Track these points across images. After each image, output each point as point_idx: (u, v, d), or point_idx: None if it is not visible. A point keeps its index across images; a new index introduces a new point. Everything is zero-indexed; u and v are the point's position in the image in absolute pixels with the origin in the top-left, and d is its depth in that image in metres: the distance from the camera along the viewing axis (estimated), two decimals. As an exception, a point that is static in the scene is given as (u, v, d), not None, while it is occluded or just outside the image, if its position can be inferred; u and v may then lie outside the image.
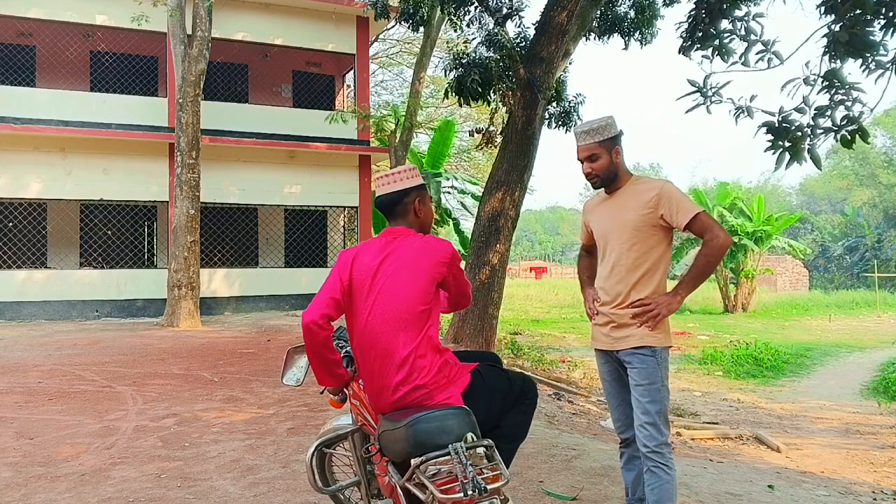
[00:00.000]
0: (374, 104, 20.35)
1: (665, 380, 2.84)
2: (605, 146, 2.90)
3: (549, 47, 9.60)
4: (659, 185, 2.88)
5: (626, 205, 2.91)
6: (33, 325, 12.22)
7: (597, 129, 2.90)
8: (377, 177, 2.64)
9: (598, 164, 2.91)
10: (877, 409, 10.22)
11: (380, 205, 2.58)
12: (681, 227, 2.80)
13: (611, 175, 2.93)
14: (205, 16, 11.84)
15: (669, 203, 2.82)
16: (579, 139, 2.94)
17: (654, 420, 2.78)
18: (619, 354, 2.90)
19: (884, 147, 44.56)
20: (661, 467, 2.76)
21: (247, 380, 7.14)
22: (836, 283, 38.72)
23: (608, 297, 2.94)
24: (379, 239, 2.51)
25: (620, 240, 2.89)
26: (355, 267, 2.42)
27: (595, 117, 2.98)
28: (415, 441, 2.04)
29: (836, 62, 5.17)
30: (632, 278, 2.86)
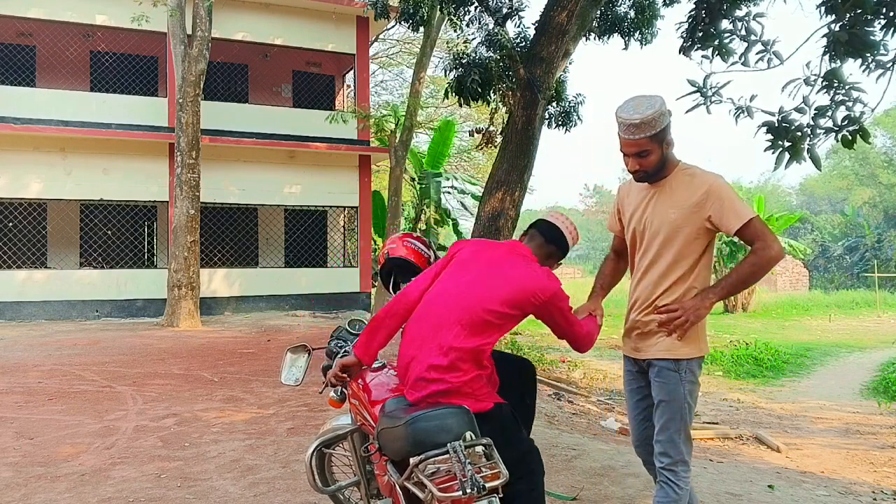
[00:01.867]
0: (374, 104, 20.35)
1: (689, 396, 2.58)
2: (658, 140, 2.49)
3: (549, 47, 9.60)
4: (709, 182, 2.53)
5: (670, 200, 2.57)
6: (33, 325, 12.22)
7: (650, 122, 2.46)
8: (560, 216, 2.70)
9: (648, 161, 2.53)
10: (877, 409, 10.22)
11: (536, 223, 2.65)
12: (730, 232, 2.50)
13: (659, 169, 2.57)
14: (205, 16, 11.84)
15: (720, 204, 2.49)
16: (627, 131, 2.50)
17: (671, 438, 2.57)
18: (644, 364, 2.68)
19: (884, 147, 44.56)
20: (670, 484, 2.58)
21: (247, 380, 7.14)
22: (836, 283, 38.70)
23: (638, 299, 2.68)
24: (504, 244, 2.60)
25: (659, 238, 2.58)
26: (465, 250, 2.48)
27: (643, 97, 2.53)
28: (414, 440, 2.04)
29: (836, 62, 5.17)
30: (664, 282, 2.58)
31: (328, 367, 2.71)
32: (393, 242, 2.75)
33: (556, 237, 2.60)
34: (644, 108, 2.48)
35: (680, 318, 2.49)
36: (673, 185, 2.58)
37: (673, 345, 2.54)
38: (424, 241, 2.76)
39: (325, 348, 2.82)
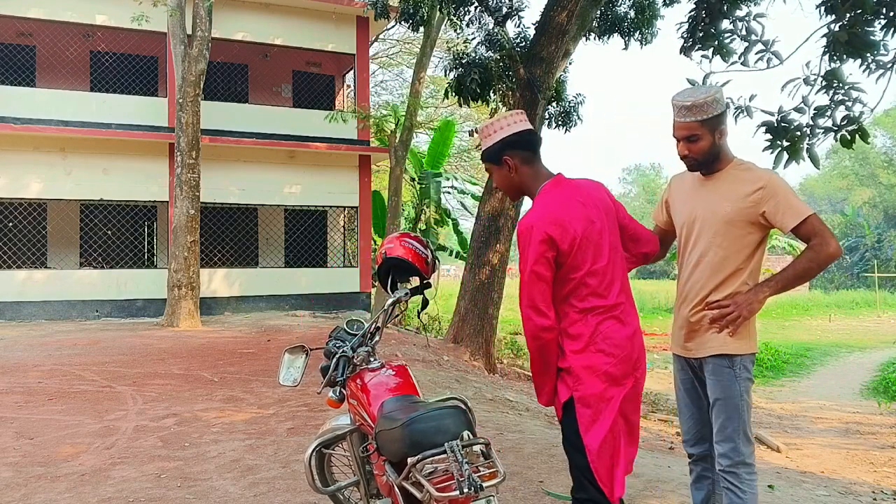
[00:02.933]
0: (374, 104, 20.34)
1: (745, 393, 2.53)
2: (709, 126, 2.48)
3: (549, 47, 9.61)
4: (765, 178, 2.50)
5: (723, 193, 2.52)
6: (33, 325, 12.22)
7: (701, 106, 2.45)
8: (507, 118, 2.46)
9: (697, 147, 2.50)
10: (877, 409, 10.22)
11: (532, 144, 2.45)
12: (786, 229, 2.45)
13: (711, 159, 2.53)
14: (205, 16, 11.84)
15: (775, 200, 2.44)
16: (679, 114, 2.50)
17: (731, 437, 2.51)
18: (696, 363, 2.62)
19: (884, 147, 44.57)
20: (733, 489, 2.49)
21: (247, 380, 7.14)
22: (836, 283, 38.73)
23: (687, 295, 2.60)
24: (563, 191, 2.40)
25: (710, 233, 2.52)
26: (567, 232, 2.29)
27: (701, 87, 2.57)
28: (411, 440, 2.05)
29: (836, 62, 5.17)
30: (715, 279, 2.52)
31: (326, 367, 2.71)
32: (391, 242, 2.75)
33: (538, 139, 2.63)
34: (699, 93, 2.50)
35: (732, 314, 2.45)
36: (727, 178, 2.54)
37: (726, 341, 2.49)
38: (422, 241, 2.75)
39: (324, 349, 2.82)
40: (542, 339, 2.30)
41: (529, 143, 2.44)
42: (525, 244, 2.31)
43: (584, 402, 2.29)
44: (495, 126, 2.43)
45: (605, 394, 2.28)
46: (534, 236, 2.28)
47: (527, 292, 2.31)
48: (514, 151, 2.42)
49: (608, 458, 2.28)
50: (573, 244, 2.29)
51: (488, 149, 2.46)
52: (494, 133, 2.43)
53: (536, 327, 2.29)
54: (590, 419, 2.28)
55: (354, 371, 2.69)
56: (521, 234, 2.33)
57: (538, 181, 2.43)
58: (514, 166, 2.42)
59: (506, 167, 2.44)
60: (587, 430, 2.28)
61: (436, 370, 8.06)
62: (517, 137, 2.41)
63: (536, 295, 2.30)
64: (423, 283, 2.79)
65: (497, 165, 2.45)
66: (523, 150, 2.43)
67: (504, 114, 2.45)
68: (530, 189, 2.45)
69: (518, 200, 2.54)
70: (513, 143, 2.41)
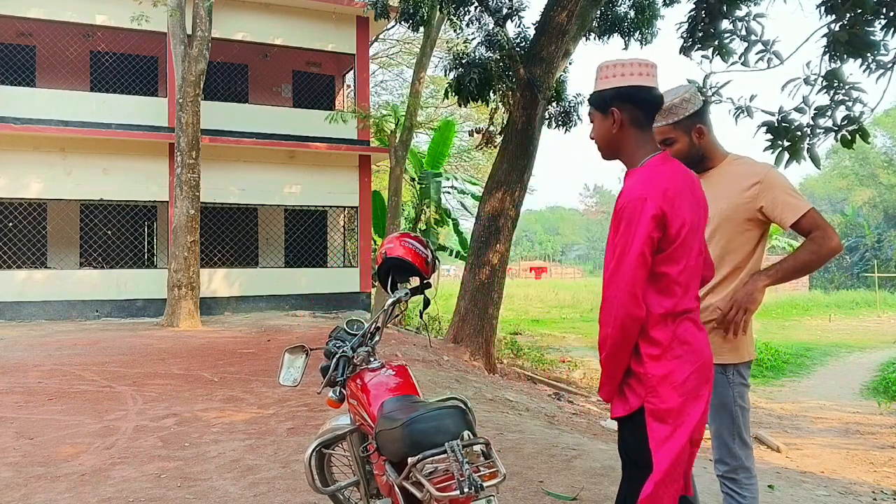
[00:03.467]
0: (374, 104, 20.34)
1: (739, 398, 2.49)
2: (683, 127, 2.43)
3: (549, 47, 9.61)
4: (762, 172, 2.43)
5: (719, 189, 2.44)
6: (33, 325, 12.22)
7: (670, 109, 2.39)
8: (632, 66, 2.10)
9: (674, 150, 2.42)
10: (877, 409, 10.22)
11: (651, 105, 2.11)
12: (785, 225, 2.40)
13: (693, 159, 2.45)
14: (205, 16, 11.84)
15: (773, 194, 2.39)
16: None
17: (726, 442, 2.49)
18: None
19: (884, 147, 44.58)
20: (733, 494, 2.48)
21: (247, 380, 7.14)
22: (836, 283, 38.73)
23: None
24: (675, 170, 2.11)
25: (707, 230, 2.42)
26: (678, 216, 2.03)
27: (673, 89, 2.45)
28: (411, 440, 2.05)
29: (836, 62, 5.17)
30: (716, 275, 2.43)
31: (326, 367, 2.71)
32: (390, 242, 2.74)
33: None
34: (668, 96, 2.41)
35: (736, 314, 2.39)
36: (722, 174, 2.47)
37: (720, 349, 2.41)
38: (422, 241, 2.75)
39: (324, 349, 2.82)
40: (629, 331, 2.03)
41: (647, 103, 2.10)
42: (633, 217, 1.99)
43: (659, 417, 2.04)
44: (612, 70, 2.10)
45: (682, 409, 2.05)
46: (646, 209, 1.98)
47: (629, 274, 2.00)
48: (625, 105, 2.08)
49: (676, 479, 2.07)
50: (680, 232, 2.03)
51: (598, 92, 2.13)
52: (612, 77, 2.09)
53: (630, 316, 2.01)
54: (663, 436, 2.04)
55: (354, 371, 2.69)
56: (628, 204, 2.01)
57: (642, 150, 2.11)
58: (619, 121, 2.10)
59: (610, 118, 2.11)
60: (659, 446, 2.04)
61: (436, 370, 8.06)
62: (635, 91, 2.08)
63: (639, 280, 2.01)
64: (423, 283, 2.79)
65: (601, 113, 2.13)
66: (637, 108, 2.09)
67: (631, 59, 2.11)
68: (630, 155, 2.13)
69: (608, 158, 2.18)
70: (628, 96, 2.08)
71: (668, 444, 2.02)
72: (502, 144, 10.21)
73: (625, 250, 2.00)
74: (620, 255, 2.01)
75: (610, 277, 2.04)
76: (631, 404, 2.09)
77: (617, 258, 2.02)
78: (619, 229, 2.03)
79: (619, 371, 2.10)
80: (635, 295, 2.00)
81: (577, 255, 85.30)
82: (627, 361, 2.09)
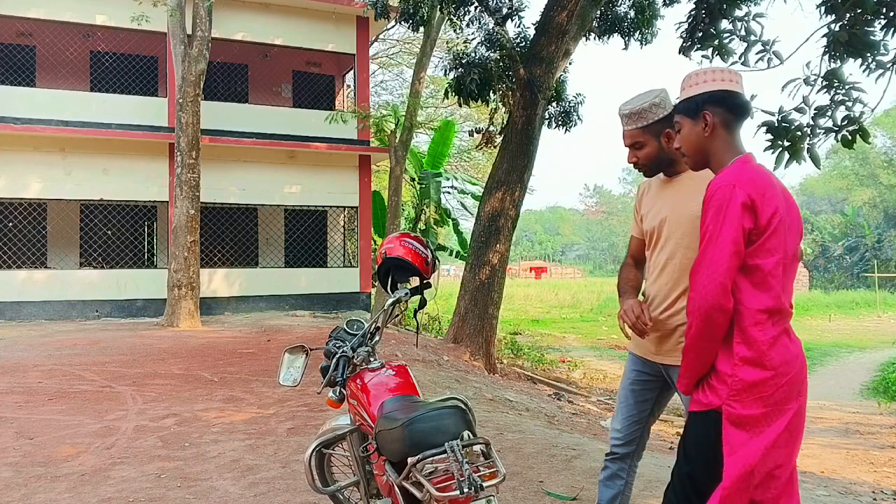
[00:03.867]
0: (374, 104, 20.34)
1: None
2: (652, 131, 2.47)
3: (549, 47, 9.61)
4: None
5: (689, 192, 2.45)
6: (33, 325, 12.22)
7: (640, 113, 2.46)
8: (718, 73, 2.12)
9: (643, 153, 2.51)
10: (877, 409, 10.23)
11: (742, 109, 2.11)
12: None
13: (661, 163, 2.52)
14: (205, 16, 11.84)
15: None
16: (622, 122, 2.53)
17: None
18: (665, 368, 2.54)
19: (884, 147, 44.58)
20: None
21: (247, 380, 7.14)
22: (836, 283, 38.73)
23: (656, 296, 2.53)
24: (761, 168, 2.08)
25: (678, 232, 2.46)
26: (768, 205, 1.97)
27: (644, 91, 2.52)
28: (411, 440, 2.05)
29: (836, 62, 5.17)
30: (685, 280, 2.40)
31: (326, 367, 2.71)
32: (390, 242, 2.74)
33: None
34: (638, 100, 2.48)
35: None
36: (692, 178, 2.47)
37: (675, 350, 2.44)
38: (422, 241, 2.75)
39: (324, 349, 2.82)
40: (715, 323, 1.95)
41: (739, 108, 2.11)
42: (723, 204, 1.95)
43: (738, 423, 1.96)
44: (703, 77, 2.12)
45: (764, 419, 1.96)
46: (736, 196, 1.94)
47: (717, 262, 1.93)
48: (718, 108, 2.08)
49: (746, 490, 1.95)
50: (771, 221, 1.95)
51: (688, 99, 2.13)
52: (702, 83, 2.11)
53: (716, 307, 1.93)
54: (738, 443, 1.96)
55: (354, 371, 2.69)
56: (718, 191, 1.97)
57: (730, 153, 2.10)
58: (712, 125, 2.09)
59: (702, 123, 2.10)
60: (732, 453, 1.95)
61: (436, 370, 8.06)
62: (727, 95, 2.08)
63: (730, 269, 1.93)
64: (423, 283, 2.79)
65: (692, 119, 2.13)
66: (728, 112, 2.09)
67: (715, 67, 2.17)
68: (720, 158, 2.11)
69: (698, 166, 2.18)
70: (720, 100, 2.08)
71: (742, 451, 1.94)
72: (502, 144, 10.21)
73: (713, 237, 1.95)
74: (708, 242, 1.95)
75: (696, 265, 1.98)
76: (709, 402, 2.02)
77: (704, 246, 1.96)
78: (707, 216, 1.98)
79: (701, 365, 2.03)
80: (723, 285, 1.93)
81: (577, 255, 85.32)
82: (711, 356, 2.01)
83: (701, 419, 2.05)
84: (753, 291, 1.97)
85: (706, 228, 1.97)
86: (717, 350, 2.00)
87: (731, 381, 1.97)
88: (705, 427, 2.03)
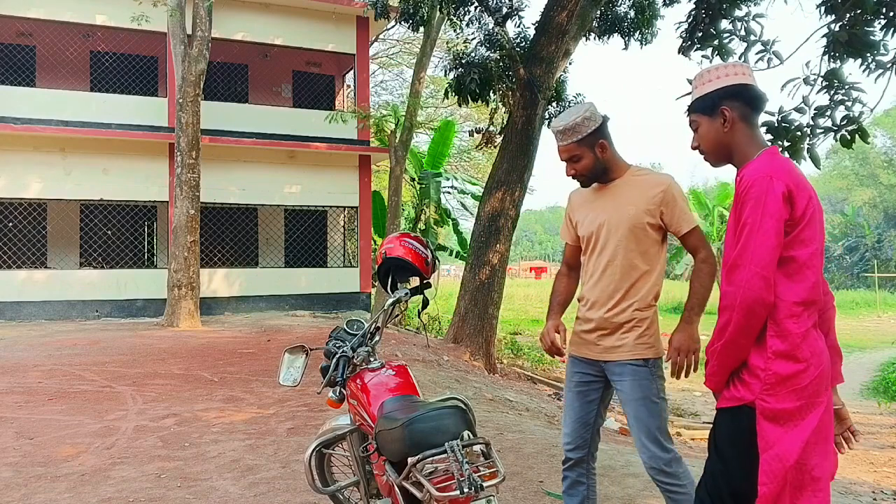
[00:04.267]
0: (374, 104, 20.34)
1: (661, 392, 2.61)
2: (586, 144, 2.58)
3: (549, 47, 9.61)
4: (666, 182, 2.61)
5: (626, 197, 2.61)
6: (33, 325, 12.22)
7: (573, 128, 2.56)
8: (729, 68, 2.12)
9: (580, 165, 2.62)
10: (877, 409, 10.23)
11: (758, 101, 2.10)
12: (679, 233, 2.60)
13: (598, 173, 2.64)
14: (205, 16, 11.84)
15: (674, 205, 2.58)
16: (556, 138, 2.62)
17: (656, 436, 2.54)
18: (607, 366, 2.65)
19: (884, 147, 44.57)
20: (673, 487, 2.52)
21: (247, 380, 7.14)
22: (836, 283, 38.74)
23: (598, 299, 2.66)
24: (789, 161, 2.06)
25: (617, 235, 2.59)
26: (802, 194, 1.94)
27: (573, 109, 2.62)
28: (411, 440, 2.05)
29: (836, 62, 5.18)
30: (627, 281, 2.60)
31: (326, 367, 2.71)
32: (390, 242, 2.74)
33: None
34: (569, 117, 2.59)
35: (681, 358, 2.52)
36: (628, 183, 2.64)
37: (642, 344, 2.59)
38: (422, 241, 2.75)
39: (324, 349, 2.82)
40: (757, 317, 1.91)
41: (755, 100, 2.09)
42: (761, 195, 1.91)
43: (773, 417, 1.93)
44: (715, 73, 2.11)
45: (800, 412, 1.93)
46: (775, 187, 1.90)
47: (760, 255, 1.90)
48: (735, 102, 2.07)
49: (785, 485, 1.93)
50: (806, 212, 1.93)
51: (703, 96, 2.11)
52: (715, 80, 2.10)
53: (759, 301, 1.90)
54: (775, 437, 1.92)
55: (354, 371, 2.69)
56: (755, 183, 1.93)
57: (754, 146, 2.07)
58: (731, 119, 2.07)
59: (720, 119, 2.08)
60: (768, 447, 1.93)
61: (436, 370, 8.06)
62: (742, 88, 2.07)
63: (772, 262, 1.90)
64: (423, 283, 2.79)
65: (709, 116, 2.11)
66: (746, 105, 2.08)
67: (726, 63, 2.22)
68: (743, 152, 2.08)
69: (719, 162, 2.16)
70: (736, 94, 2.07)
71: (779, 446, 1.92)
72: (502, 144, 10.21)
73: (753, 229, 1.91)
74: (749, 235, 1.92)
75: (736, 259, 1.94)
76: (742, 397, 1.99)
77: (745, 239, 1.92)
78: (745, 208, 1.93)
79: (737, 361, 2.00)
80: (766, 278, 1.90)
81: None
82: (748, 351, 1.98)
83: (732, 414, 2.03)
84: (789, 283, 1.94)
85: (745, 221, 1.93)
86: (752, 345, 1.98)
87: (763, 374, 1.95)
88: (737, 422, 2.01)
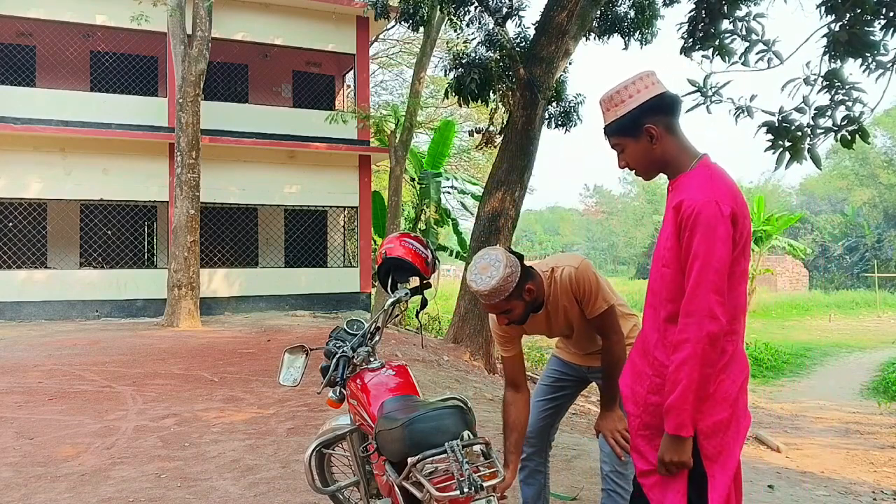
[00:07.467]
0: (374, 104, 20.33)
1: None
2: (514, 296, 2.46)
3: (549, 47, 9.61)
4: (572, 281, 2.59)
5: (557, 309, 2.66)
6: (33, 325, 12.22)
7: (497, 290, 2.40)
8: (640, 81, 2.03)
9: (514, 315, 2.53)
10: (877, 409, 10.23)
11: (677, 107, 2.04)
12: (591, 316, 2.63)
13: (532, 311, 2.62)
14: (205, 16, 11.84)
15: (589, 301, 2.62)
16: (484, 301, 2.46)
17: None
18: (590, 370, 2.87)
19: (884, 147, 44.53)
20: (618, 490, 2.63)
21: (247, 380, 7.14)
22: (836, 283, 38.69)
23: (576, 351, 2.92)
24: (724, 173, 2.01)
25: (569, 330, 2.75)
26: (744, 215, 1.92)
27: (484, 260, 2.45)
28: (411, 440, 2.05)
29: (836, 62, 5.17)
30: (594, 337, 2.75)
31: (326, 367, 2.72)
32: (390, 242, 2.74)
33: None
34: (486, 279, 2.40)
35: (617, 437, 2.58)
36: (555, 305, 2.64)
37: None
38: (422, 241, 2.75)
39: (324, 349, 2.82)
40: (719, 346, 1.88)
41: (672, 106, 2.03)
42: (711, 223, 1.84)
43: (707, 433, 1.90)
44: (626, 92, 2.01)
45: (732, 421, 1.91)
46: (723, 211, 1.85)
47: (720, 284, 1.85)
48: (657, 117, 1.99)
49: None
50: (745, 229, 1.91)
51: (621, 118, 2.02)
52: (628, 99, 2.00)
53: (719, 333, 1.85)
54: (715, 450, 1.89)
55: (354, 371, 2.69)
56: (703, 209, 1.85)
57: (686, 154, 2.02)
58: (658, 135, 1.99)
59: (646, 138, 2.00)
60: (712, 464, 1.89)
61: (436, 370, 8.06)
62: (659, 101, 1.99)
63: (723, 290, 1.85)
64: (423, 283, 2.79)
65: (633, 138, 2.02)
66: (667, 116, 2.01)
67: (631, 79, 2.04)
68: (677, 163, 2.02)
69: (653, 176, 2.09)
70: (655, 108, 1.99)
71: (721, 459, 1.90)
72: (502, 144, 10.21)
73: (709, 259, 1.84)
74: (705, 265, 1.84)
75: (693, 290, 1.85)
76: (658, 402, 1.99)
77: (700, 269, 1.85)
78: (693, 237, 1.86)
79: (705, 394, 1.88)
80: (724, 304, 1.85)
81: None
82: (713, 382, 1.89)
83: None
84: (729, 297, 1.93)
85: (697, 251, 1.85)
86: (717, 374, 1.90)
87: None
88: None
